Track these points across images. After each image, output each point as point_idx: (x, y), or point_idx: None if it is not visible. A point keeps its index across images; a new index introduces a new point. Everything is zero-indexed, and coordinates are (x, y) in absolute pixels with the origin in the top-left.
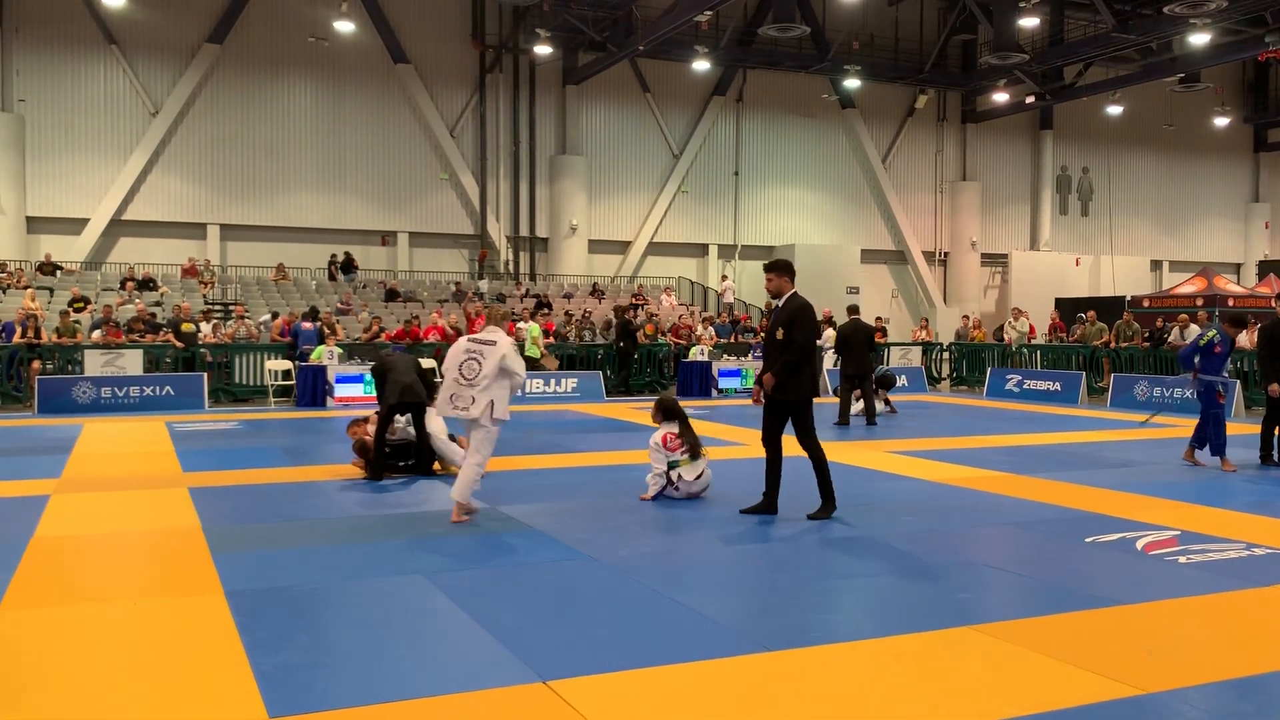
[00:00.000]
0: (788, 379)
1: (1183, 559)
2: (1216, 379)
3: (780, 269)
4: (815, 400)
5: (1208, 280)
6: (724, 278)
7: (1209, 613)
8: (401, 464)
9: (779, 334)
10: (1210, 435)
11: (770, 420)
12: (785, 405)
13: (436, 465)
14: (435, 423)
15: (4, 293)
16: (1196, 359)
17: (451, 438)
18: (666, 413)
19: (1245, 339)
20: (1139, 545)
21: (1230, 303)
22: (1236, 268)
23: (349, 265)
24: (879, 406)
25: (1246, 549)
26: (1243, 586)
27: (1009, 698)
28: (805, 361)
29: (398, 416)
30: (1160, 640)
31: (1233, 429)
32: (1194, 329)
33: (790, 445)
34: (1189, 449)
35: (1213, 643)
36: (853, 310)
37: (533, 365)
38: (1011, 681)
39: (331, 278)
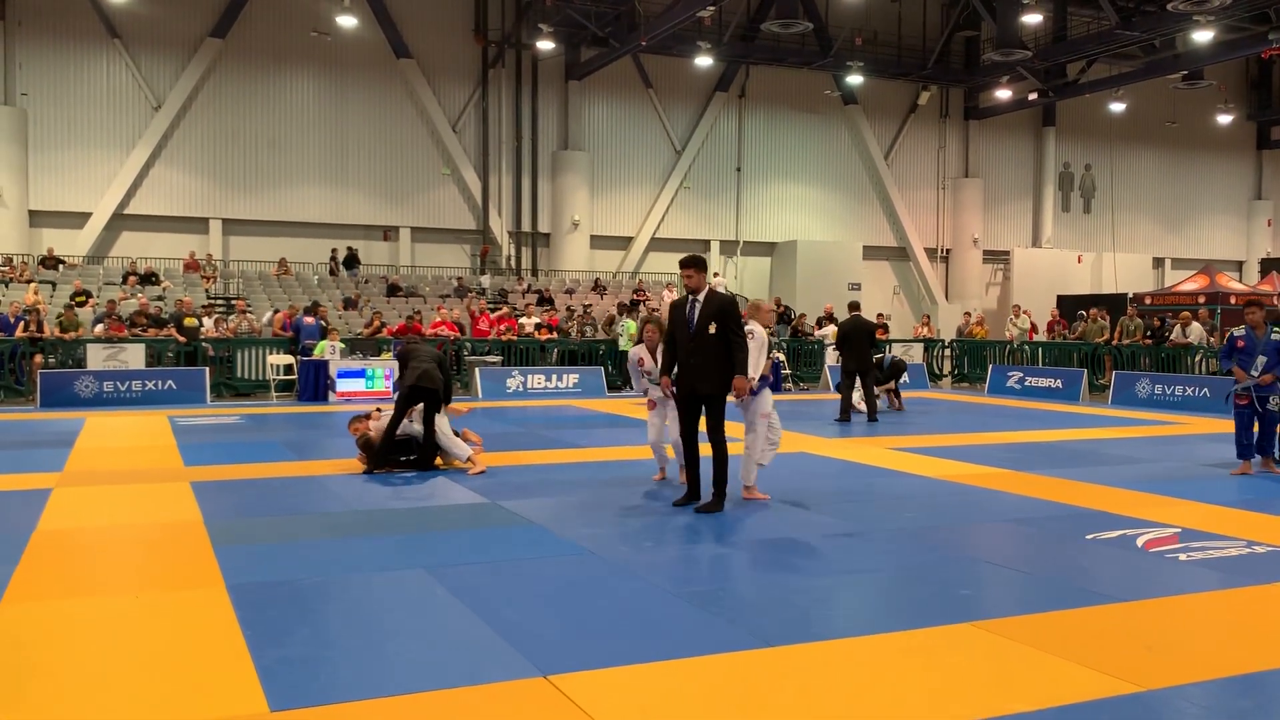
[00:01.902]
0: (714, 373)
1: (1183, 556)
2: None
3: (699, 265)
4: (819, 398)
5: (1210, 278)
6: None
7: (1209, 610)
8: (404, 458)
9: (711, 328)
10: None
11: (687, 412)
12: (704, 398)
13: (439, 460)
14: (441, 417)
15: (6, 286)
16: (1233, 359)
17: (456, 433)
18: None
19: None
20: (1139, 542)
21: (1233, 300)
22: (1239, 265)
23: (352, 260)
24: (882, 401)
25: (1247, 546)
26: (1243, 584)
27: (1009, 694)
28: (734, 354)
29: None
30: (1160, 637)
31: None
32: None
33: (792, 442)
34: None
35: (1213, 640)
36: (854, 307)
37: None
38: (1012, 678)
39: (332, 273)
